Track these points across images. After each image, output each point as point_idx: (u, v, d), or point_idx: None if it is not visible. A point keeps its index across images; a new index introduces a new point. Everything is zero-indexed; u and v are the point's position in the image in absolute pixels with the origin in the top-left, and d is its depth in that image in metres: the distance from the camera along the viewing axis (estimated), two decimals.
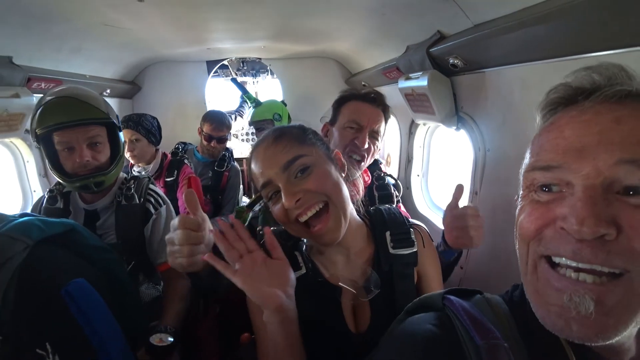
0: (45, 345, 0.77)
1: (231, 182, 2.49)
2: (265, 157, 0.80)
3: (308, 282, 0.85)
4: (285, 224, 0.81)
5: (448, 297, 0.59)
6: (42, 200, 1.40)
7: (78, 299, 0.83)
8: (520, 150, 1.17)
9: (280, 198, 0.77)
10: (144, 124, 2.02)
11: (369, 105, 1.38)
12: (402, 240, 0.90)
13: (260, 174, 0.80)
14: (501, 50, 1.10)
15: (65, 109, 1.21)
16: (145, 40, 2.09)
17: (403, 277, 0.88)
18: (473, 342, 0.51)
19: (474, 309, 0.56)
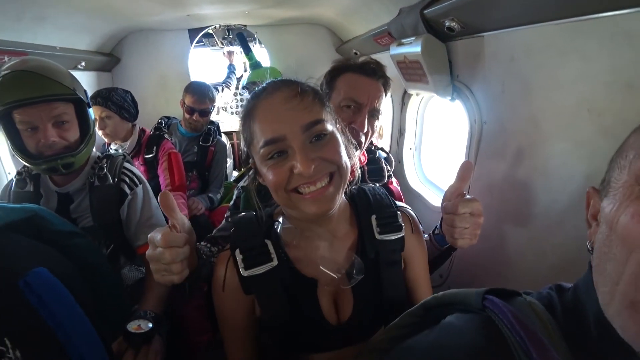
0: (4, 340, 0.72)
1: (217, 157, 2.40)
2: (283, 110, 0.69)
3: (280, 273, 0.78)
4: (277, 190, 0.72)
5: (490, 298, 0.51)
6: (11, 183, 1.32)
7: (38, 289, 0.78)
8: (520, 123, 1.10)
9: (285, 160, 0.69)
10: (114, 99, 1.90)
11: (368, 78, 1.19)
12: (389, 224, 0.83)
13: (269, 128, 0.69)
14: (503, 10, 0.99)
15: (24, 84, 1.10)
16: (117, 6, 1.92)
17: (391, 264, 0.83)
18: (529, 358, 0.43)
19: (523, 316, 0.48)
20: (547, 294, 0.54)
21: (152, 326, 1.05)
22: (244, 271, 0.77)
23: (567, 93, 0.91)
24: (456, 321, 0.53)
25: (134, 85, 2.72)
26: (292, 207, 0.74)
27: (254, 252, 0.78)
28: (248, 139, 0.76)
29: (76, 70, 2.14)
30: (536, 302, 0.51)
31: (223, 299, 0.82)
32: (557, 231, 1.00)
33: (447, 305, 0.58)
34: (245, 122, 0.75)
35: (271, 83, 0.75)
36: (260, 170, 0.75)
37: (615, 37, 0.75)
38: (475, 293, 0.54)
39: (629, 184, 0.41)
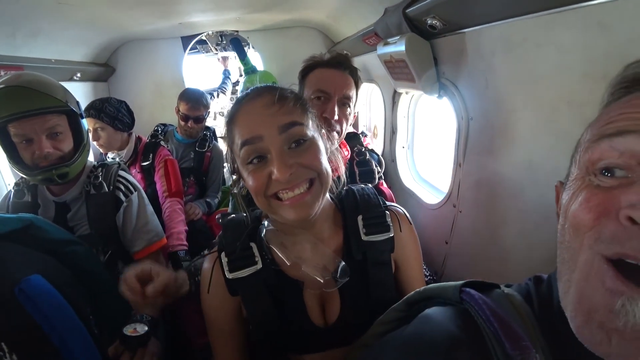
0: (1, 344, 0.74)
1: (214, 162, 2.43)
2: (262, 113, 0.70)
3: (265, 276, 0.79)
4: (257, 196, 0.73)
5: (467, 291, 0.52)
6: (10, 194, 1.35)
7: (33, 296, 0.80)
8: (503, 118, 1.11)
9: (263, 165, 0.69)
10: (107, 111, 1.91)
11: (334, 70, 1.27)
12: (376, 225, 0.82)
13: (246, 129, 0.70)
14: (481, 6, 1.00)
15: (17, 98, 1.13)
16: (109, 18, 1.95)
17: (379, 266, 0.82)
18: (503, 350, 0.44)
19: (499, 308, 0.48)
20: (526, 285, 0.55)
21: (148, 329, 1.06)
22: (228, 274, 0.78)
23: (546, 86, 0.92)
24: (433, 313, 0.53)
25: (130, 94, 2.76)
26: (272, 212, 0.74)
27: (239, 255, 0.79)
28: (230, 143, 0.77)
29: (72, 81, 2.18)
30: (514, 294, 0.52)
31: (209, 300, 0.83)
32: (544, 225, 1.01)
33: (429, 299, 0.59)
34: (229, 127, 0.76)
35: (254, 89, 0.76)
36: (242, 174, 0.76)
37: (589, 28, 0.76)
38: (453, 286, 0.54)
39: (580, 175, 0.43)
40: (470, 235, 1.40)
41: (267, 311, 0.79)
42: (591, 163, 0.41)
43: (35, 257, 0.94)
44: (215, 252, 0.83)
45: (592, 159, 0.41)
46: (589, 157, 0.42)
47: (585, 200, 0.41)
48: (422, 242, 1.77)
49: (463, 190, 1.42)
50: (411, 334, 0.52)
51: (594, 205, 0.40)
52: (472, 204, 1.38)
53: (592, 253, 0.40)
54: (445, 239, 1.55)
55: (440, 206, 1.62)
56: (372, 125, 2.74)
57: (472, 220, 1.39)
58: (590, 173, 0.42)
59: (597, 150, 0.41)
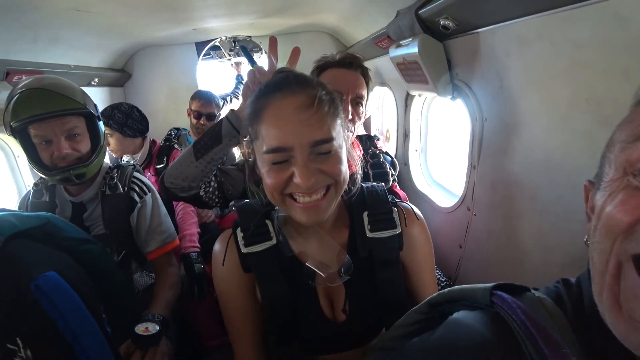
0: (16, 340, 0.76)
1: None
2: (295, 121, 0.65)
3: (279, 255, 0.78)
4: (273, 192, 0.71)
5: (498, 294, 0.49)
6: (29, 194, 1.39)
7: (49, 292, 0.82)
8: (519, 118, 1.09)
9: (286, 166, 0.68)
10: (115, 118, 1.96)
11: (346, 70, 1.28)
12: (382, 221, 0.80)
13: (277, 136, 0.66)
14: (495, 4, 0.99)
15: (38, 101, 1.17)
16: (125, 25, 2.01)
17: (386, 264, 0.80)
18: (542, 357, 0.41)
19: (533, 312, 0.46)
20: (555, 287, 0.53)
21: (159, 329, 1.07)
22: (244, 248, 0.78)
23: (563, 84, 0.90)
24: (463, 318, 0.51)
25: (145, 98, 2.82)
26: (286, 209, 0.74)
27: (254, 231, 0.79)
28: (252, 135, 0.74)
29: (90, 86, 2.24)
30: (546, 298, 0.50)
31: (223, 273, 0.82)
32: (562, 227, 0.98)
33: (453, 302, 0.56)
34: (252, 118, 0.72)
35: (285, 81, 0.70)
36: (259, 166, 0.75)
37: (606, 22, 0.74)
38: (482, 289, 0.52)
39: (616, 177, 0.42)
40: (485, 238, 1.37)
41: (280, 292, 0.77)
42: (629, 164, 0.40)
43: (51, 255, 0.95)
44: (229, 231, 0.83)
45: (631, 159, 0.39)
46: (627, 158, 0.40)
47: (621, 202, 0.39)
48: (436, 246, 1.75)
49: (477, 192, 1.39)
50: (442, 339, 0.50)
51: (631, 207, 0.38)
52: (487, 207, 1.35)
53: (625, 257, 0.38)
54: (460, 242, 1.52)
55: (454, 209, 1.59)
56: (384, 128, 2.73)
57: (487, 224, 1.36)
58: (629, 174, 0.40)
59: (636, 150, 0.39)
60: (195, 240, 1.85)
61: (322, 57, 1.33)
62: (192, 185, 1.07)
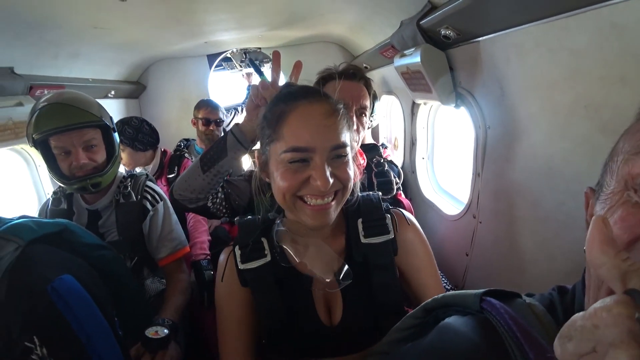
0: (33, 338, 0.80)
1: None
2: (319, 124, 0.71)
3: (274, 269, 0.82)
4: (284, 194, 0.75)
5: (488, 300, 0.50)
6: (48, 202, 1.46)
7: (64, 294, 0.86)
8: (520, 125, 1.10)
9: (303, 168, 0.72)
10: (126, 133, 2.03)
11: (350, 81, 1.30)
12: (375, 227, 0.83)
13: (302, 136, 0.71)
14: (493, 14, 1.01)
15: (59, 114, 1.24)
16: (140, 40, 2.10)
17: (381, 269, 0.82)
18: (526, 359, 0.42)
19: (521, 318, 0.46)
20: (549, 295, 0.53)
21: (168, 333, 1.11)
22: (240, 265, 0.82)
23: (562, 91, 0.91)
24: (453, 323, 0.52)
25: (159, 109, 2.92)
26: (293, 212, 0.78)
27: (250, 247, 0.83)
28: (270, 136, 0.76)
29: (107, 98, 2.34)
30: (536, 304, 0.50)
31: (222, 288, 0.86)
32: (564, 234, 0.98)
33: (446, 307, 0.58)
34: (272, 120, 0.75)
35: (312, 89, 0.77)
36: (271, 168, 0.77)
37: (603, 30, 0.75)
38: (473, 294, 0.53)
39: (618, 189, 0.41)
40: (491, 246, 1.36)
41: (274, 303, 0.81)
42: (631, 177, 0.39)
43: (67, 259, 1.00)
44: (231, 247, 0.88)
45: (633, 172, 0.39)
46: (629, 171, 0.39)
47: (621, 218, 0.39)
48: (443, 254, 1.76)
49: (482, 200, 1.39)
50: (432, 343, 0.51)
51: (630, 225, 0.37)
52: (492, 214, 1.35)
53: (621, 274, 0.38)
54: (466, 250, 1.52)
55: (460, 217, 1.59)
56: (392, 136, 2.74)
57: (492, 231, 1.35)
58: (630, 188, 0.39)
59: (638, 163, 0.38)
60: (205, 248, 1.89)
61: (325, 68, 1.36)
62: (200, 197, 1.11)
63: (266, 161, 0.79)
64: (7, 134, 1.60)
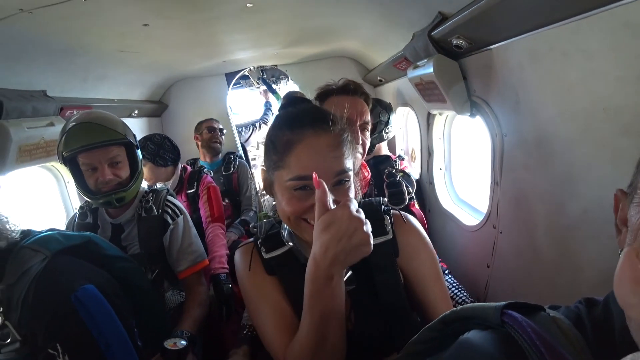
0: (56, 345, 0.83)
1: (241, 177, 2.66)
2: (325, 155, 0.73)
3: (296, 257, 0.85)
4: (289, 217, 0.77)
5: (509, 313, 0.47)
6: (75, 216, 1.53)
7: (87, 303, 0.89)
8: (537, 132, 1.08)
9: (307, 195, 0.74)
10: (148, 148, 2.10)
11: (351, 97, 1.27)
12: (373, 228, 0.82)
13: (307, 166, 0.73)
14: (504, 21, 1.00)
15: (86, 133, 1.31)
16: (162, 61, 2.21)
17: (382, 270, 0.83)
18: None
19: (546, 333, 0.43)
20: (576, 308, 0.50)
21: (186, 344, 1.12)
22: (265, 254, 0.86)
23: (579, 95, 0.89)
24: (473, 338, 0.50)
25: (180, 127, 3.03)
26: (297, 231, 0.81)
27: (271, 239, 0.88)
28: (276, 163, 0.77)
29: (131, 117, 2.45)
30: (561, 318, 0.47)
31: (250, 279, 0.87)
32: (591, 243, 0.94)
33: (465, 320, 0.55)
34: (279, 147, 0.76)
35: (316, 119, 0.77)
36: (276, 191, 0.80)
37: (616, 30, 0.73)
38: (494, 307, 0.50)
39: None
40: (512, 257, 1.32)
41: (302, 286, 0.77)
42: None
43: (90, 270, 1.04)
44: (250, 243, 0.92)
45: None
46: None
47: None
48: (463, 266, 1.71)
49: (502, 210, 1.36)
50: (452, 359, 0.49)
51: None
52: (513, 224, 1.30)
53: None
54: (487, 262, 1.47)
55: (480, 228, 1.55)
56: (409, 148, 2.73)
57: (513, 242, 1.31)
58: None
59: None
60: (224, 262, 1.91)
61: (325, 84, 1.35)
62: None
63: (271, 184, 0.81)
64: (40, 152, 1.70)
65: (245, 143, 3.50)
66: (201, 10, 1.44)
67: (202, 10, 1.45)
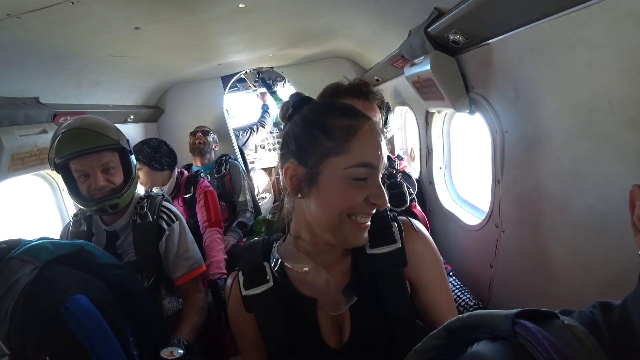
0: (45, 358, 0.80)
1: (234, 177, 2.64)
2: (379, 145, 0.72)
3: (278, 295, 0.79)
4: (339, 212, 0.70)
5: (522, 323, 0.45)
6: (69, 224, 1.50)
7: (77, 314, 0.87)
8: (539, 127, 1.05)
9: (365, 186, 0.69)
10: (144, 152, 2.08)
11: (364, 102, 1.18)
12: (380, 237, 0.79)
13: (372, 153, 0.70)
14: (502, 14, 0.98)
15: (78, 139, 1.28)
16: (157, 65, 2.19)
17: (388, 280, 0.77)
18: None
19: (562, 343, 0.41)
20: (590, 313, 0.48)
21: (183, 353, 1.09)
22: (244, 291, 0.80)
23: (581, 87, 0.86)
24: (484, 351, 0.47)
25: (176, 132, 3.00)
26: (338, 231, 0.72)
27: (253, 273, 0.81)
28: (331, 150, 0.70)
29: (126, 123, 2.43)
30: (576, 325, 0.45)
31: (231, 315, 0.86)
32: (598, 242, 0.90)
33: (472, 328, 0.52)
34: (337, 132, 0.70)
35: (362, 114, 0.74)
36: (323, 184, 0.70)
37: (620, 20, 0.71)
38: (504, 316, 0.47)
39: None
40: (516, 257, 1.28)
41: (278, 329, 0.78)
42: None
43: (82, 279, 1.01)
44: (236, 271, 0.86)
45: None
46: None
47: None
48: (465, 266, 1.68)
49: (504, 208, 1.33)
50: None
51: None
52: (516, 223, 1.27)
53: None
54: (490, 262, 1.44)
55: (482, 227, 1.51)
56: (408, 148, 2.70)
57: (516, 241, 1.28)
58: None
59: None
60: (222, 267, 1.88)
61: (335, 83, 1.27)
62: None
63: (313, 177, 0.70)
64: (33, 160, 1.67)
65: (243, 146, 3.47)
66: (193, 12, 1.42)
67: (194, 12, 1.42)
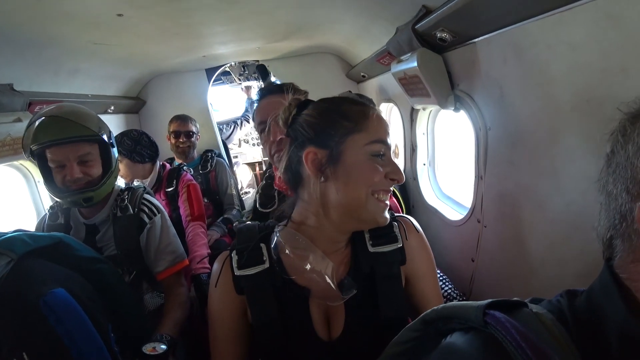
0: (22, 355, 0.77)
1: (219, 176, 2.58)
2: (386, 125, 0.78)
3: (272, 278, 0.78)
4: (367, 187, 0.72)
5: (492, 314, 0.46)
6: (45, 217, 1.44)
7: (56, 308, 0.83)
8: (521, 125, 1.08)
9: (384, 163, 0.74)
10: (124, 144, 2.02)
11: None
12: (383, 236, 0.80)
13: (382, 132, 0.76)
14: (488, 14, 1.00)
15: (56, 127, 1.23)
16: (139, 54, 2.12)
17: (387, 280, 0.79)
18: None
19: (530, 331, 0.43)
20: (557, 301, 0.50)
21: (166, 349, 1.07)
22: (237, 271, 0.78)
23: (563, 87, 0.89)
24: (457, 343, 0.48)
25: (159, 124, 2.92)
26: (364, 210, 0.73)
27: (249, 254, 0.79)
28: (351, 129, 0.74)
29: (107, 114, 2.35)
30: (544, 313, 0.47)
31: (214, 295, 0.82)
32: (575, 236, 0.94)
33: (447, 319, 0.54)
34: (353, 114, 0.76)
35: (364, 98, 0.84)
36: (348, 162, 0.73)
37: (599, 22, 0.74)
38: (475, 307, 0.49)
39: None
40: (497, 251, 1.32)
41: (270, 313, 0.77)
42: None
43: (61, 272, 0.98)
44: (227, 252, 0.84)
45: None
46: None
47: None
48: (448, 260, 1.71)
49: (487, 204, 1.36)
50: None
51: None
52: (497, 218, 1.31)
53: None
54: (472, 256, 1.48)
55: (465, 222, 1.55)
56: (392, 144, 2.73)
57: (497, 236, 1.32)
58: None
59: None
60: (205, 262, 1.85)
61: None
62: None
63: (337, 156, 0.73)
64: (6, 150, 1.60)
65: (227, 140, 3.42)
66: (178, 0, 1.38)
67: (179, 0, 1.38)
